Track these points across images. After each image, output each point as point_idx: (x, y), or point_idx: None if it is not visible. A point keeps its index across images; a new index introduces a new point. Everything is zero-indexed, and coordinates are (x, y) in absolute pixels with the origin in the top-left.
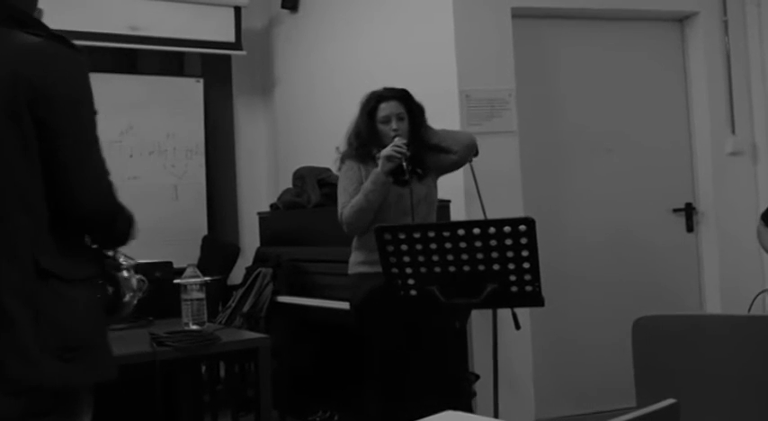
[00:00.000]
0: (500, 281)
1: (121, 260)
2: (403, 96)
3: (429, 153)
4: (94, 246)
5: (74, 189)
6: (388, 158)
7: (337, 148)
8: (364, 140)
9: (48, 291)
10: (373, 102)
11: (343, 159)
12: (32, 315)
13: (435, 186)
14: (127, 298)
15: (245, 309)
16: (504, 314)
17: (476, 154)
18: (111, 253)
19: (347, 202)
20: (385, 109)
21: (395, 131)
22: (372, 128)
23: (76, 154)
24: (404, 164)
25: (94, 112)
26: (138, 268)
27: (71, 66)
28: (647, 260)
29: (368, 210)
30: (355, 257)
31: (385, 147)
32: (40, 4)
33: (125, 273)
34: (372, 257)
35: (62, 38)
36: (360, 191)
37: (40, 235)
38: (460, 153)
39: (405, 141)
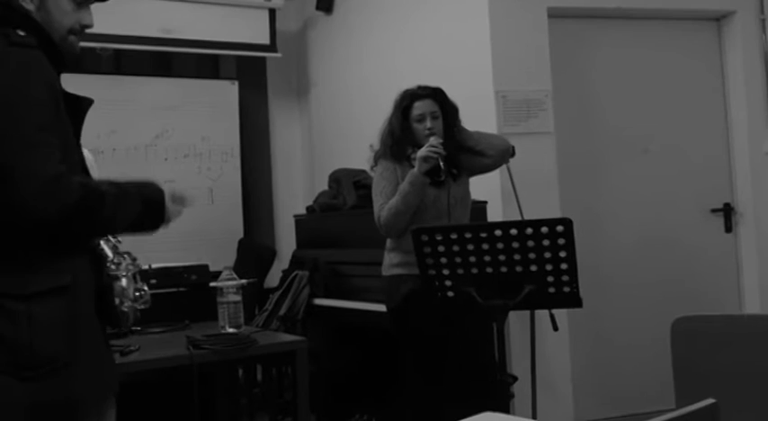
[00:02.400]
0: (537, 282)
1: (123, 266)
2: (437, 95)
3: (463, 153)
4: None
5: (13, 194)
6: (425, 159)
7: (371, 146)
8: (398, 139)
9: None
10: (407, 100)
11: (377, 159)
12: None
13: (468, 187)
14: (125, 308)
15: (282, 311)
16: (542, 315)
17: (512, 154)
18: (113, 256)
19: (384, 204)
20: (419, 107)
21: (429, 130)
22: (406, 126)
23: (9, 158)
24: (441, 164)
25: (36, 106)
26: (175, 271)
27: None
28: (685, 261)
29: (405, 213)
30: (390, 259)
31: (419, 146)
32: None
33: (123, 282)
34: (408, 259)
35: (9, 34)
36: (396, 192)
37: None
38: (495, 158)
39: (440, 141)
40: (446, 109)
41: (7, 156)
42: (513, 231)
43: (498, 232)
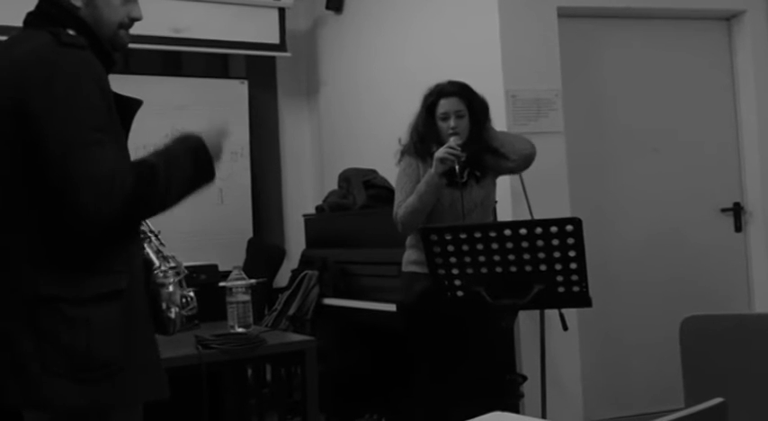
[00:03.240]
0: (547, 281)
1: (169, 272)
2: (465, 93)
3: (488, 154)
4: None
5: (72, 198)
6: (441, 160)
7: (399, 140)
8: (422, 136)
9: (51, 313)
10: (433, 97)
11: (402, 154)
12: (33, 338)
13: (494, 188)
14: (172, 314)
15: (291, 311)
16: (552, 315)
17: None
18: (159, 262)
19: (403, 201)
20: (444, 105)
21: (452, 130)
22: (431, 124)
23: (59, 158)
24: (456, 167)
25: (90, 108)
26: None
27: (50, 68)
28: (694, 260)
29: (421, 211)
30: (408, 256)
31: (443, 144)
32: None
33: (170, 288)
34: (424, 257)
35: (60, 34)
36: (414, 190)
37: (38, 256)
38: (518, 163)
39: (459, 142)
40: (473, 108)
41: (65, 160)
42: (523, 231)
43: (508, 232)
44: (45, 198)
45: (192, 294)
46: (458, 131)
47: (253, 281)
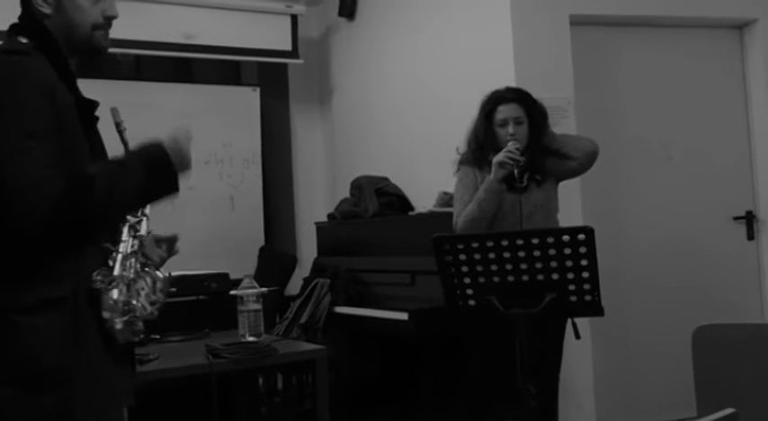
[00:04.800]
0: (559, 290)
1: (117, 277)
2: (523, 99)
3: (548, 158)
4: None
5: (3, 203)
6: (501, 165)
7: (457, 149)
8: (481, 143)
9: None
10: (491, 103)
11: (460, 164)
12: None
13: (555, 193)
14: (118, 325)
15: (303, 320)
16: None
17: None
18: (121, 261)
19: (461, 211)
20: (503, 111)
21: (511, 136)
22: (490, 131)
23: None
24: (515, 171)
25: (22, 114)
26: (195, 279)
27: None
28: (707, 268)
29: (482, 220)
30: None
31: (501, 151)
32: None
33: (114, 294)
34: None
35: (8, 43)
36: (473, 199)
37: None
38: (581, 160)
39: (518, 146)
40: (532, 114)
41: None
42: (535, 240)
43: (520, 241)
44: None
45: (140, 303)
46: (516, 138)
47: (264, 289)
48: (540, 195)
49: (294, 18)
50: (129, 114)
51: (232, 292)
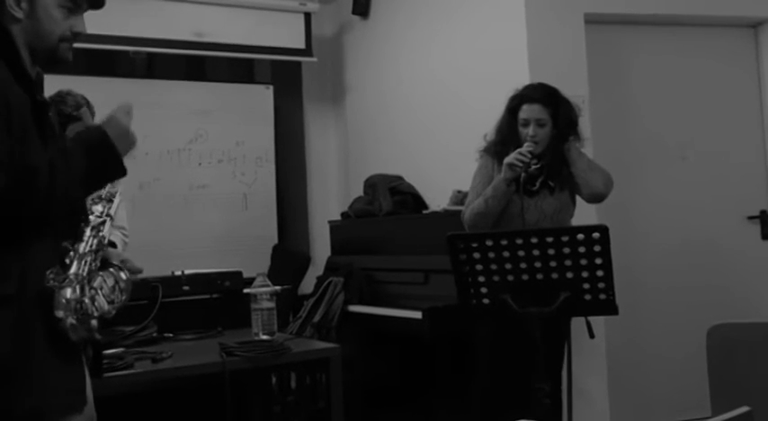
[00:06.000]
0: (573, 289)
1: (71, 275)
2: (550, 100)
3: (566, 167)
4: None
5: None
6: (510, 166)
7: (485, 136)
8: (503, 138)
9: None
10: (516, 101)
11: (483, 152)
12: None
13: (571, 202)
14: (70, 323)
15: (316, 318)
16: (578, 322)
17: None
18: (78, 260)
19: (472, 202)
20: (526, 111)
21: (531, 137)
22: (513, 127)
23: None
24: (522, 175)
25: None
26: (208, 277)
27: None
28: (721, 268)
29: (487, 215)
30: None
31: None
32: (107, 11)
33: (67, 293)
34: None
35: None
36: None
37: None
38: (586, 197)
39: (531, 149)
40: (557, 117)
41: None
42: (549, 238)
43: (534, 239)
44: None
45: (97, 302)
46: (536, 140)
47: (277, 287)
48: (553, 203)
49: (308, 16)
50: (143, 112)
51: (245, 291)
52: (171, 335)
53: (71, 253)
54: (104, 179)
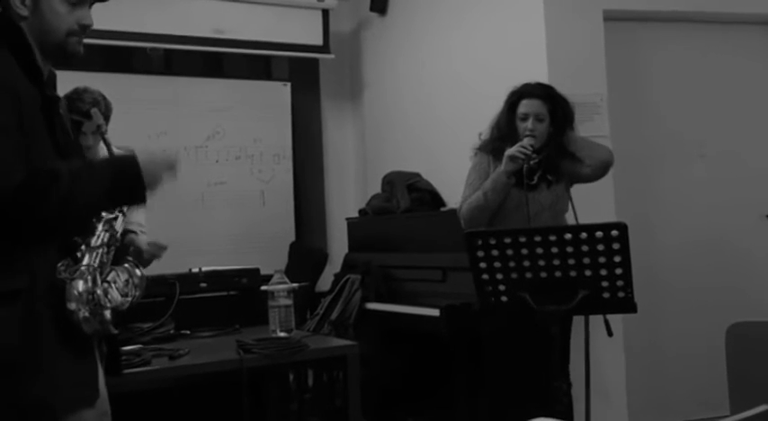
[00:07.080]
0: (592, 287)
1: (84, 267)
2: (549, 97)
3: (564, 159)
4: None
5: None
6: (511, 158)
7: (479, 135)
8: (501, 134)
9: None
10: (515, 97)
11: (477, 149)
12: None
13: (567, 195)
14: (83, 315)
15: (334, 316)
16: (596, 320)
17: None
18: (89, 253)
19: (468, 197)
20: (525, 106)
21: (530, 132)
22: (511, 123)
23: None
24: (524, 167)
25: None
26: (225, 275)
27: None
28: (739, 266)
29: (485, 209)
30: None
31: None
32: (124, 7)
33: (80, 285)
34: None
35: None
36: (481, 187)
37: None
38: (593, 168)
39: (532, 142)
40: (556, 113)
41: None
42: (568, 236)
43: (553, 237)
44: None
45: (110, 294)
46: (535, 134)
47: (295, 285)
48: (549, 196)
49: (325, 13)
50: (160, 109)
51: (263, 288)
52: (188, 332)
53: (82, 246)
54: (122, 203)
